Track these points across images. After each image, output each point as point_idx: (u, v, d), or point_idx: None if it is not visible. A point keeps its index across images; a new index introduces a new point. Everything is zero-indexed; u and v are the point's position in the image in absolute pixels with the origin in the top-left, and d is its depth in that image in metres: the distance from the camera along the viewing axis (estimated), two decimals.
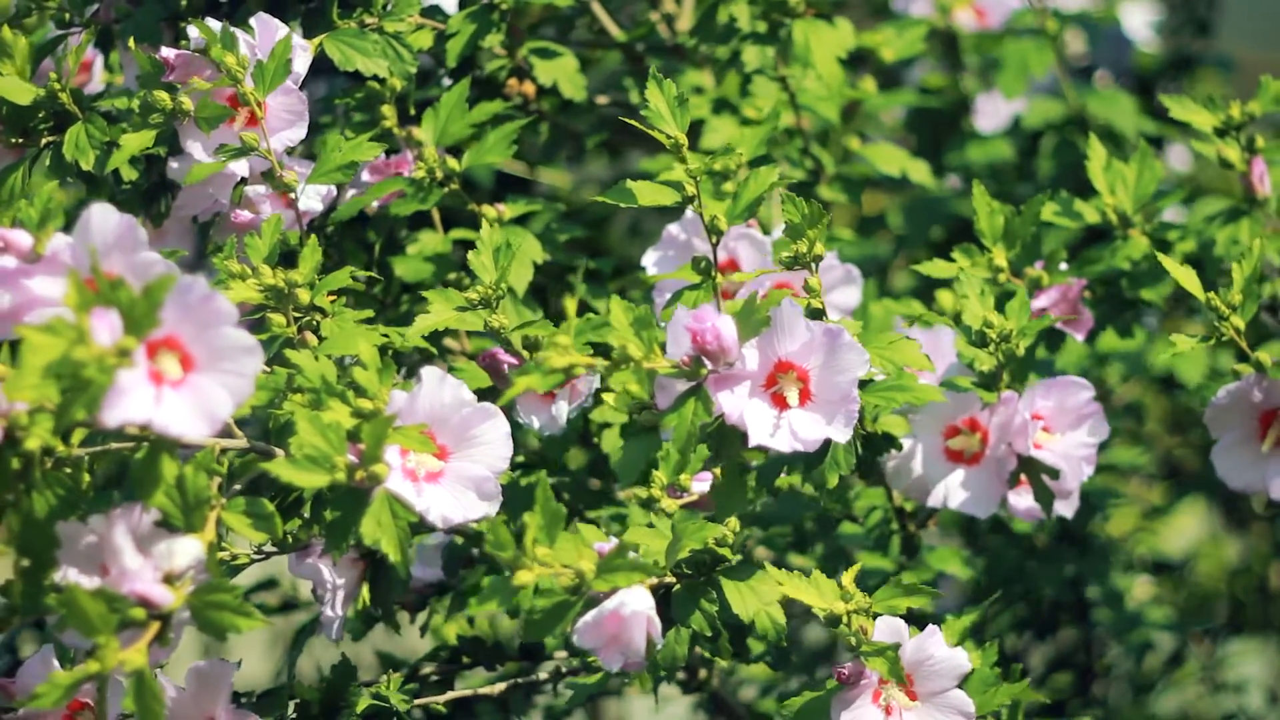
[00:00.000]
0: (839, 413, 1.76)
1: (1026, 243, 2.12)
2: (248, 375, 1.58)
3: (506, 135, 2.17)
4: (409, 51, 2.13)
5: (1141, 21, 3.18)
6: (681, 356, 1.74)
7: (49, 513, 1.69)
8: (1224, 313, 1.95)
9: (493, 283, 1.95)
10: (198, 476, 1.65)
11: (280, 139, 2.03)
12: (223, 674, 1.82)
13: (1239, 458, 2.03)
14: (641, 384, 1.71)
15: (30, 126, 2.10)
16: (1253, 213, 2.21)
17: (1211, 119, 2.18)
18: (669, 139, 1.90)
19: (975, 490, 2.02)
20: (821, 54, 2.24)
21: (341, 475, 1.68)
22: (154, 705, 1.56)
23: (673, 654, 1.82)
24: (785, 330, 1.76)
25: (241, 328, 1.58)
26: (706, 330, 1.72)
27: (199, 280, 1.56)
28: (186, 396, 1.58)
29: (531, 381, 1.68)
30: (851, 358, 1.76)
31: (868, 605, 1.80)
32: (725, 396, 1.74)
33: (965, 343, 1.98)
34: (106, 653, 1.54)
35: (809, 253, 1.86)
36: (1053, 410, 2.01)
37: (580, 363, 1.68)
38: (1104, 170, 2.20)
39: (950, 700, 1.82)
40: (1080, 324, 2.17)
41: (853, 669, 1.80)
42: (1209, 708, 3.17)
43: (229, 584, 1.62)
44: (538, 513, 1.66)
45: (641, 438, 1.76)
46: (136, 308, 1.50)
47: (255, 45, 2.03)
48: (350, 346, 1.86)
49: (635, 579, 1.67)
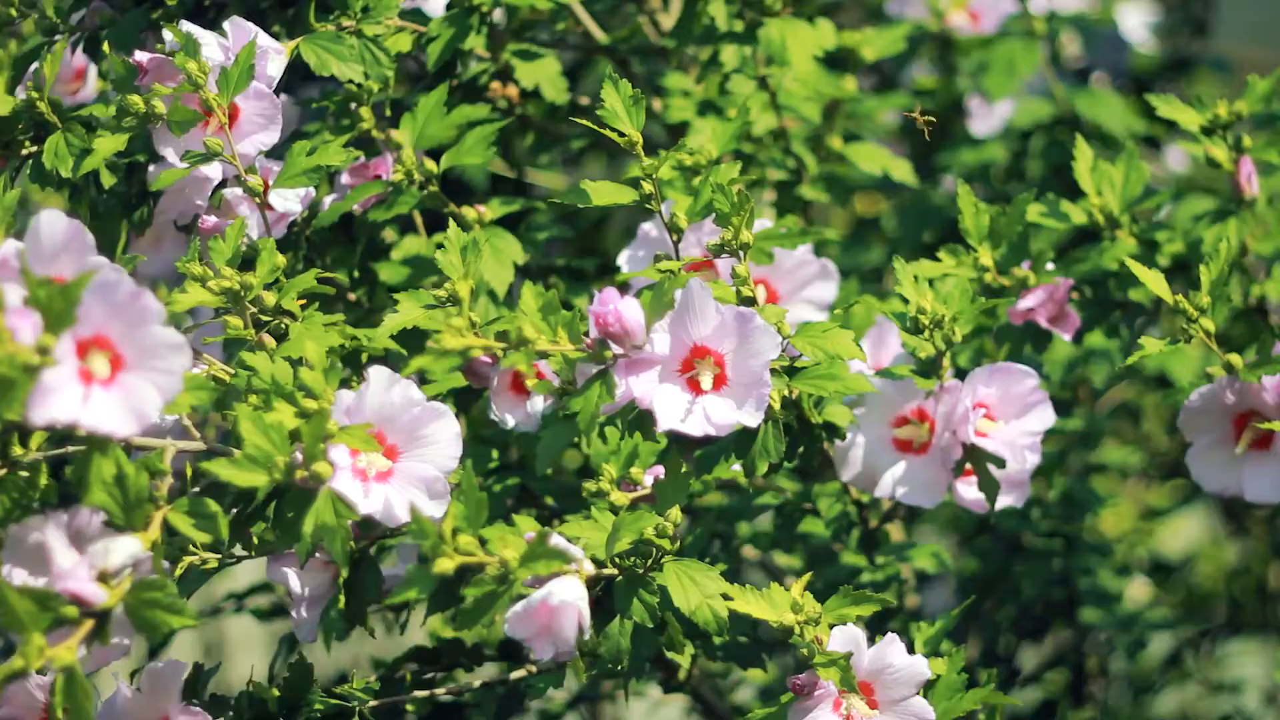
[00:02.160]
0: (750, 397, 1.74)
1: (1013, 242, 2.10)
2: (176, 373, 1.60)
3: (485, 137, 2.17)
4: (386, 55, 2.13)
5: (1138, 23, 3.15)
6: (587, 341, 1.73)
7: (2, 516, 1.71)
8: (1193, 315, 1.93)
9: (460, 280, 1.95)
10: (139, 476, 1.67)
11: (252, 143, 2.04)
12: (174, 674, 1.83)
13: (1214, 460, 2.02)
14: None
15: (11, 138, 2.12)
16: (1240, 212, 2.18)
17: (1198, 118, 2.16)
18: (623, 138, 1.90)
19: (920, 480, 2.00)
20: (798, 52, 2.23)
21: (279, 475, 1.69)
22: (83, 702, 1.58)
23: (616, 646, 1.81)
24: (696, 314, 1.75)
25: (170, 326, 1.60)
26: (608, 313, 1.72)
27: (125, 278, 1.58)
28: (115, 395, 1.59)
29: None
30: (764, 341, 1.74)
31: (818, 615, 1.78)
32: (634, 381, 1.74)
33: (902, 329, 1.97)
34: (30, 650, 1.56)
35: (735, 240, 1.86)
36: (996, 398, 1.98)
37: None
38: (1090, 171, 2.18)
39: (911, 708, 1.81)
40: (1067, 324, 2.15)
41: (807, 679, 1.79)
42: (1208, 708, 3.13)
43: (163, 581, 1.63)
44: (460, 502, 1.67)
45: (559, 424, 1.76)
46: (54, 304, 1.52)
47: (229, 48, 2.05)
48: (304, 348, 1.87)
49: (555, 566, 1.67)
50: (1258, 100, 2.16)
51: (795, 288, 2.15)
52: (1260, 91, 2.16)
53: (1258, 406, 1.99)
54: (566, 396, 1.74)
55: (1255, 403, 1.99)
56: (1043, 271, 2.14)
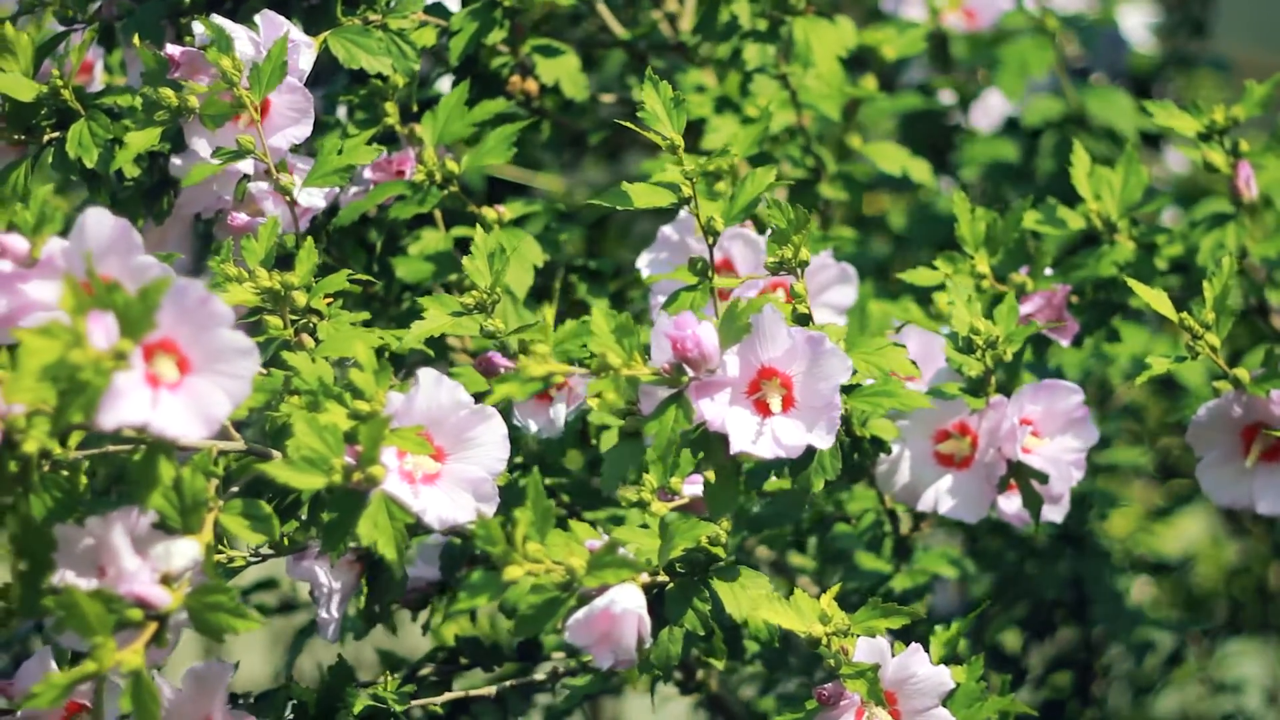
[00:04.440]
0: (821, 420, 1.76)
1: (1010, 248, 2.11)
2: (244, 377, 1.59)
3: (506, 137, 2.18)
4: (412, 49, 2.13)
5: (1138, 23, 3.18)
6: (663, 364, 1.74)
7: (46, 515, 1.69)
8: (1198, 331, 1.94)
9: (488, 287, 1.95)
10: (195, 478, 1.66)
11: (284, 136, 2.03)
12: (220, 675, 1.82)
13: (1224, 474, 2.03)
14: (620, 392, 1.71)
15: (33, 124, 2.10)
16: (1239, 217, 2.20)
17: (1194, 124, 2.18)
18: (665, 140, 1.91)
19: (965, 495, 2.02)
20: (822, 52, 2.24)
21: (338, 477, 1.69)
22: (150, 705, 1.57)
23: (666, 653, 1.82)
24: (767, 337, 1.76)
25: (238, 330, 1.59)
26: (687, 338, 1.72)
27: (195, 283, 1.57)
28: (183, 399, 1.58)
29: (511, 389, 1.68)
30: (834, 364, 1.76)
31: (846, 626, 1.79)
32: (706, 404, 1.75)
33: (953, 349, 1.98)
34: (103, 653, 1.55)
35: (794, 258, 1.87)
36: (1041, 414, 2.01)
37: (558, 371, 1.69)
38: (1088, 176, 2.20)
39: (934, 718, 1.82)
40: (1065, 330, 2.17)
41: (833, 690, 1.80)
42: (1208, 708, 3.17)
43: (226, 585, 1.62)
44: (528, 509, 1.67)
45: (625, 444, 1.77)
46: (132, 310, 1.51)
47: (260, 42, 2.04)
48: (347, 349, 1.86)
49: (624, 575, 1.67)
50: (1254, 105, 2.18)
51: (815, 291, 2.16)
52: (1257, 97, 2.18)
53: (1266, 419, 2.00)
54: (630, 417, 1.75)
55: (1263, 415, 2.00)
56: (1041, 277, 2.16)
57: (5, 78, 2.06)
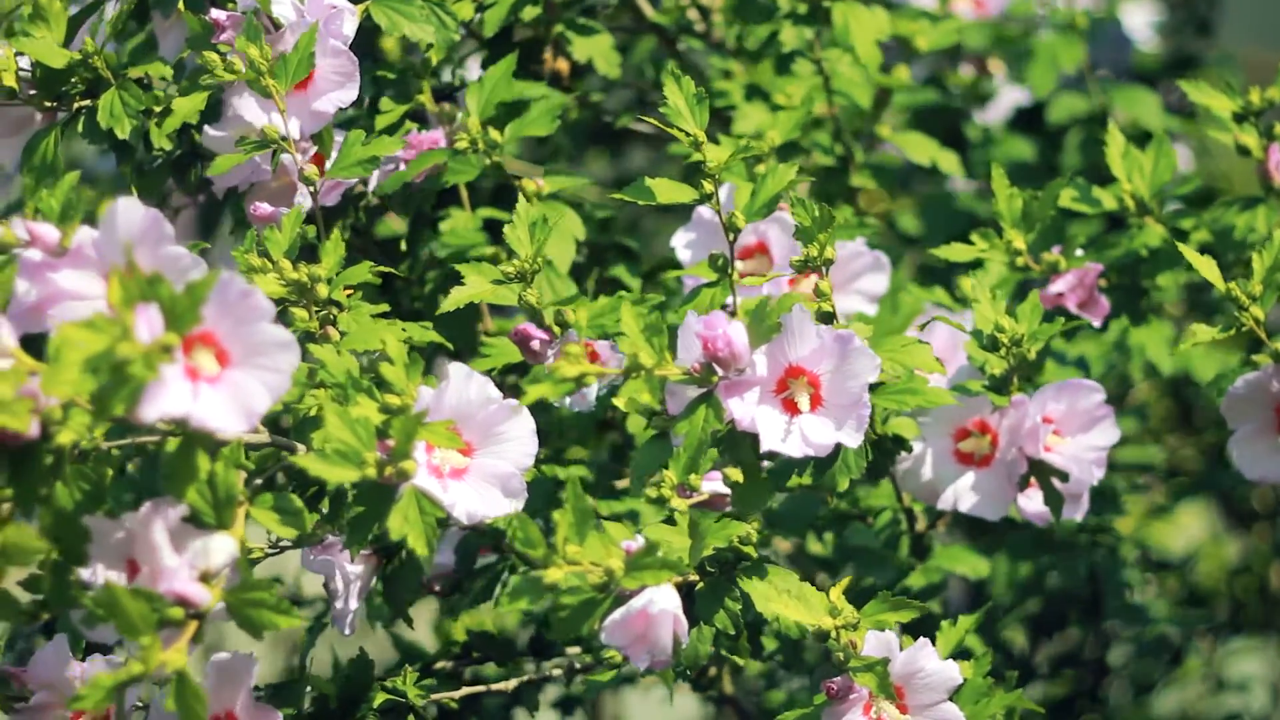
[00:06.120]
0: (850, 417, 1.76)
1: (1045, 227, 2.12)
2: (285, 371, 1.58)
3: (551, 109, 2.18)
4: (453, 19, 2.11)
5: (1142, 21, 3.19)
6: (692, 363, 1.74)
7: (75, 506, 1.69)
8: (1244, 303, 1.94)
9: (529, 256, 1.94)
10: (228, 473, 1.65)
11: (329, 100, 2.01)
12: (245, 667, 1.80)
13: (1256, 448, 2.01)
14: (653, 392, 1.71)
15: (63, 91, 2.08)
16: (1269, 200, 2.21)
17: (1230, 104, 2.18)
18: (688, 137, 1.91)
19: (985, 493, 2.02)
20: (861, 36, 2.25)
21: (371, 471, 1.68)
22: (196, 706, 1.55)
23: (696, 652, 1.82)
24: (796, 336, 1.77)
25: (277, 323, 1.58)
26: (718, 338, 1.73)
27: (237, 276, 1.56)
28: (224, 392, 1.57)
29: (544, 390, 1.68)
30: (863, 363, 1.76)
31: (856, 620, 1.79)
32: (736, 403, 1.75)
33: (976, 346, 1.99)
34: (150, 654, 1.53)
35: (819, 256, 1.87)
36: (1063, 413, 2.01)
37: (591, 372, 1.69)
38: (1122, 157, 2.21)
39: (942, 712, 1.82)
40: (1096, 310, 2.18)
41: (842, 684, 1.80)
42: (1210, 707, 3.19)
43: (266, 581, 1.62)
44: (568, 511, 1.67)
45: (654, 443, 1.77)
46: (179, 304, 1.50)
47: (303, 9, 2.02)
48: (373, 341, 1.85)
49: (664, 577, 1.67)
50: None
51: (848, 279, 2.16)
52: None
53: None
54: (656, 417, 1.75)
55: None
56: (1073, 256, 2.17)
57: (37, 43, 2.04)
